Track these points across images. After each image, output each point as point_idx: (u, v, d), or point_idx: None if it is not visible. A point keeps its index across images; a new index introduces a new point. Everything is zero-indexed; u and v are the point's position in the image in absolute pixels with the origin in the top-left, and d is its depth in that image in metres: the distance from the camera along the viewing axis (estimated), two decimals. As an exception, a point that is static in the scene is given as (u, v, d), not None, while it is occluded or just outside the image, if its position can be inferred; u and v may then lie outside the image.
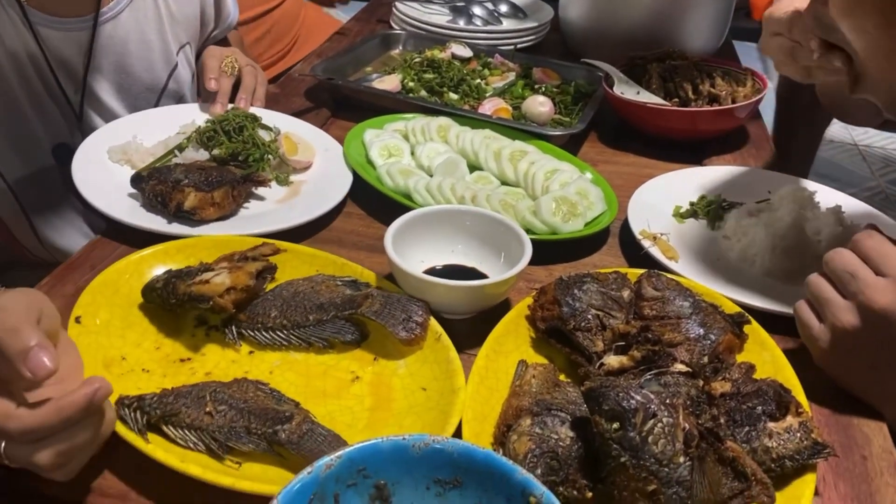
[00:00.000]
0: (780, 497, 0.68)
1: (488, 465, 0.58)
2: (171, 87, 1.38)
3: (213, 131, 1.18)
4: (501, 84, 1.52)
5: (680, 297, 0.88)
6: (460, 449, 0.58)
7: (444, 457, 0.58)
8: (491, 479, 0.58)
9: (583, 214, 1.09)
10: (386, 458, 0.57)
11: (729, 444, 0.68)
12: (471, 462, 0.58)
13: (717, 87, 1.41)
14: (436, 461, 0.58)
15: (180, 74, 1.39)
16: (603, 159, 1.35)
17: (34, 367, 0.59)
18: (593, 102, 1.42)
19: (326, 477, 0.55)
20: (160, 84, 1.36)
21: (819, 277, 0.84)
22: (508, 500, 0.57)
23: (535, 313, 0.87)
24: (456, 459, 0.58)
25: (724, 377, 0.79)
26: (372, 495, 0.57)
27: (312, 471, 0.54)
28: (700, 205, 1.18)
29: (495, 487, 0.57)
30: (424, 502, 0.58)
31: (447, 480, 0.58)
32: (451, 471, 0.58)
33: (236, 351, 0.85)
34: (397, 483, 0.58)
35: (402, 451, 0.57)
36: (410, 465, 0.58)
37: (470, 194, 1.11)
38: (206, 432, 0.70)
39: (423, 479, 0.58)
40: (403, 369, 0.82)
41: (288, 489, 0.52)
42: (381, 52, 1.67)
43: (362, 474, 0.57)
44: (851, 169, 1.33)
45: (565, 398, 0.74)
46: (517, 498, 0.56)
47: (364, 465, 0.57)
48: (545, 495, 0.56)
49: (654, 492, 0.63)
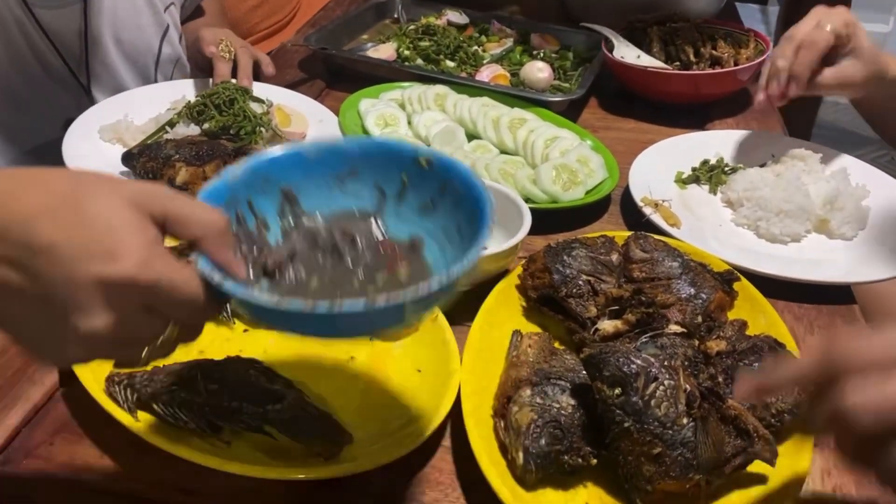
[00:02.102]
0: (781, 451, 0.68)
1: (379, 148, 0.65)
2: (165, 51, 1.37)
3: (204, 105, 1.16)
4: (499, 50, 1.50)
5: (669, 258, 0.87)
6: (350, 143, 0.68)
7: (337, 154, 0.64)
8: (383, 160, 0.64)
9: (583, 182, 1.07)
10: (285, 165, 0.63)
11: (730, 402, 0.68)
12: (363, 150, 0.65)
13: (718, 49, 1.38)
14: (331, 160, 0.64)
15: (172, 37, 1.38)
16: (603, 125, 1.32)
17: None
18: (593, 67, 1.39)
19: (235, 184, 0.59)
20: (154, 49, 1.35)
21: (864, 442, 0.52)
22: (402, 171, 0.64)
23: (525, 282, 0.86)
24: (348, 152, 0.64)
25: (718, 336, 0.78)
26: (281, 201, 0.62)
27: (222, 177, 0.59)
28: (702, 170, 1.16)
29: (388, 165, 0.64)
30: (329, 197, 0.64)
31: (345, 173, 0.64)
32: (346, 164, 0.64)
33: (230, 329, 0.83)
34: (301, 185, 0.63)
35: (298, 157, 0.63)
36: (309, 167, 0.63)
37: (469, 164, 1.08)
38: (197, 411, 0.69)
39: (324, 177, 0.64)
40: (399, 350, 0.81)
41: (205, 190, 0.57)
42: (375, 20, 1.64)
43: (268, 182, 0.62)
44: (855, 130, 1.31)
45: (563, 366, 0.73)
46: (410, 166, 0.63)
47: (267, 174, 0.62)
48: (434, 154, 0.63)
49: (659, 455, 0.63)
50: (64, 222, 0.48)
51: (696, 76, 1.34)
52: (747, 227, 1.06)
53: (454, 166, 0.62)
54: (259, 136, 1.16)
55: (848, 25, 1.07)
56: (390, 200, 0.65)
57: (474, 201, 0.61)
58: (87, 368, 0.71)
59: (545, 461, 0.65)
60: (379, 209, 0.65)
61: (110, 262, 0.48)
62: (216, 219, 0.53)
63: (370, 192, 0.65)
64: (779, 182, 1.07)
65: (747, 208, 1.06)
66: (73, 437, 0.72)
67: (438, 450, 0.72)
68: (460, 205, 0.63)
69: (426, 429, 0.69)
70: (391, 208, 0.65)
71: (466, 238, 0.61)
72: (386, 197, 0.65)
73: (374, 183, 0.65)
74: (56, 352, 0.51)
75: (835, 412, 0.51)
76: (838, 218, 1.04)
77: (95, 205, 0.49)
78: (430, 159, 0.63)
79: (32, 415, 0.74)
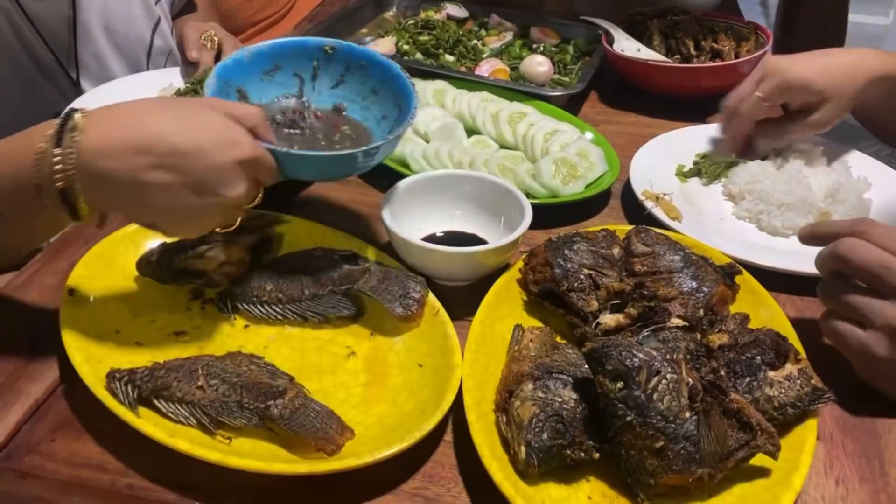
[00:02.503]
0: (784, 444, 0.68)
1: (293, 45, 0.91)
2: (157, 43, 1.37)
3: (194, 91, 1.19)
4: (498, 44, 1.49)
5: (670, 252, 0.86)
6: (272, 44, 0.90)
7: (263, 54, 0.89)
8: (297, 53, 0.90)
9: (583, 176, 1.07)
10: (234, 70, 0.87)
11: (732, 395, 0.68)
12: (282, 48, 0.90)
13: (719, 42, 1.37)
14: (260, 60, 0.89)
15: (164, 29, 1.38)
16: (604, 119, 1.32)
17: None
18: (593, 61, 1.39)
19: (215, 90, 0.84)
20: (146, 41, 1.35)
21: (839, 282, 0.76)
22: (313, 59, 0.90)
23: (526, 276, 0.86)
24: (271, 52, 0.89)
25: (720, 329, 0.78)
26: (238, 98, 0.87)
27: (208, 89, 0.82)
28: (704, 164, 1.15)
29: (301, 56, 0.90)
30: (263, 88, 0.90)
31: (271, 68, 0.90)
32: (271, 61, 0.90)
33: (231, 325, 0.83)
34: (247, 83, 0.88)
35: (240, 62, 0.88)
36: (247, 68, 0.88)
37: (468, 159, 1.08)
38: (198, 407, 0.69)
39: (258, 73, 0.89)
40: (400, 345, 0.81)
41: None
42: (374, 14, 1.63)
43: (228, 84, 0.86)
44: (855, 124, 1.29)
45: (565, 360, 0.73)
46: (318, 54, 0.90)
47: (227, 78, 0.86)
48: (337, 42, 0.90)
49: (661, 448, 0.63)
50: (194, 132, 0.69)
51: (697, 69, 1.33)
52: (749, 220, 1.06)
53: (353, 48, 0.91)
54: None
55: (783, 87, 1.06)
56: (308, 83, 0.91)
57: (381, 66, 0.90)
58: (88, 365, 0.71)
59: (547, 455, 0.65)
60: (301, 91, 0.92)
61: (238, 148, 0.71)
62: (258, 112, 0.76)
63: (291, 79, 0.91)
64: (780, 175, 1.07)
65: (749, 201, 1.06)
66: (75, 433, 0.72)
67: (440, 444, 0.72)
68: (369, 72, 0.91)
69: (428, 423, 0.69)
70: (309, 89, 0.92)
71: (388, 95, 0.90)
72: (304, 81, 0.91)
73: (294, 72, 0.91)
74: (199, 226, 0.76)
75: (836, 249, 0.74)
76: (840, 211, 1.03)
77: (206, 117, 0.71)
78: (333, 46, 0.90)
79: (33, 411, 0.74)
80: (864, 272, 0.73)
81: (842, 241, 0.75)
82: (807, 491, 0.69)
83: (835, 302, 0.76)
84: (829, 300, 0.77)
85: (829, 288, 0.77)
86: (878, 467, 0.72)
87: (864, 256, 0.73)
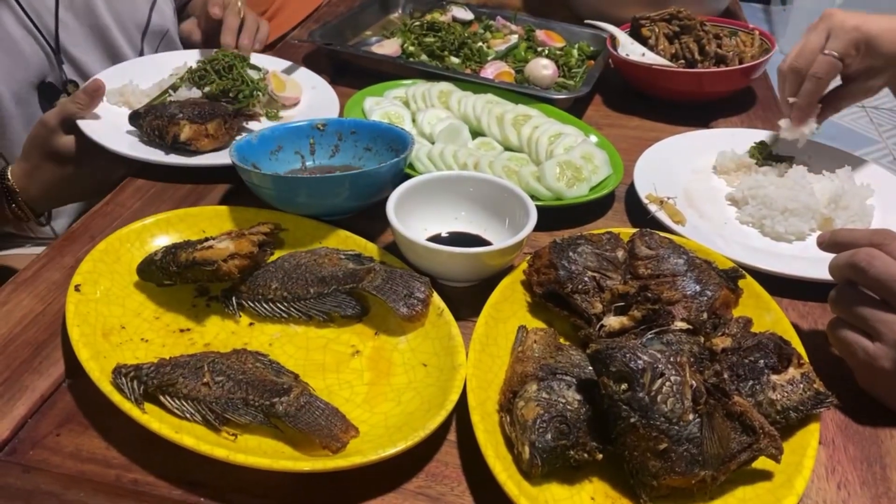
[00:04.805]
0: (786, 447, 0.68)
1: (288, 128, 1.05)
2: (154, 19, 1.39)
3: (205, 70, 1.23)
4: (504, 47, 1.49)
5: (674, 255, 0.87)
6: (272, 129, 1.04)
7: (266, 138, 1.03)
8: (294, 134, 1.05)
9: (588, 179, 1.07)
10: (248, 150, 1.00)
11: (736, 398, 0.68)
12: (280, 132, 1.05)
13: (723, 47, 1.38)
14: (265, 142, 1.03)
15: (162, 7, 1.39)
16: (608, 123, 1.32)
17: None
18: (598, 65, 1.39)
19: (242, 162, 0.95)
20: (143, 19, 1.36)
21: (851, 291, 0.75)
22: (309, 137, 1.06)
23: (531, 278, 0.86)
24: (272, 136, 1.04)
25: (723, 332, 0.78)
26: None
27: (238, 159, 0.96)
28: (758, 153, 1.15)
29: (299, 136, 1.05)
30: (270, 166, 1.02)
31: (274, 149, 1.04)
32: (274, 143, 1.04)
33: (236, 322, 0.83)
34: (258, 161, 1.01)
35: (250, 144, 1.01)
36: (256, 149, 1.01)
37: (473, 161, 1.09)
38: (203, 403, 0.69)
39: (265, 153, 1.03)
40: (404, 345, 0.81)
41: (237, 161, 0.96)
42: (380, 15, 1.64)
43: (245, 160, 0.97)
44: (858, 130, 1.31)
45: (569, 361, 0.73)
46: (312, 132, 1.06)
47: (244, 156, 0.98)
48: (326, 119, 1.06)
49: (665, 450, 0.63)
50: None
51: (701, 74, 1.34)
52: (752, 224, 1.06)
53: (341, 121, 1.06)
54: (256, 99, 1.23)
55: (858, 45, 1.00)
56: (308, 157, 1.06)
57: (370, 127, 1.05)
58: (93, 360, 0.71)
59: (551, 456, 0.65)
60: (303, 166, 1.05)
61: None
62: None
63: (293, 157, 1.05)
64: (783, 181, 1.07)
65: (752, 206, 1.06)
66: (80, 428, 0.72)
67: (444, 444, 0.73)
68: (360, 136, 1.05)
69: (432, 423, 0.69)
70: (310, 163, 1.06)
71: (382, 148, 1.03)
72: (304, 157, 1.05)
73: (294, 150, 1.05)
74: None
75: (852, 258, 0.73)
76: (843, 216, 1.04)
77: None
78: (324, 123, 1.05)
79: (39, 406, 0.74)
80: (879, 284, 0.72)
81: (860, 250, 0.74)
82: (808, 495, 0.70)
83: (846, 311, 0.75)
84: (840, 309, 0.76)
85: (842, 297, 0.76)
86: (880, 472, 0.72)
87: (881, 269, 0.72)
